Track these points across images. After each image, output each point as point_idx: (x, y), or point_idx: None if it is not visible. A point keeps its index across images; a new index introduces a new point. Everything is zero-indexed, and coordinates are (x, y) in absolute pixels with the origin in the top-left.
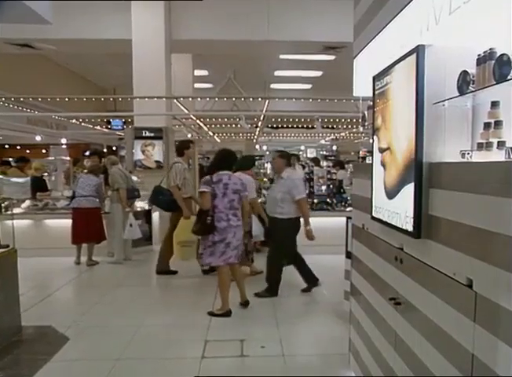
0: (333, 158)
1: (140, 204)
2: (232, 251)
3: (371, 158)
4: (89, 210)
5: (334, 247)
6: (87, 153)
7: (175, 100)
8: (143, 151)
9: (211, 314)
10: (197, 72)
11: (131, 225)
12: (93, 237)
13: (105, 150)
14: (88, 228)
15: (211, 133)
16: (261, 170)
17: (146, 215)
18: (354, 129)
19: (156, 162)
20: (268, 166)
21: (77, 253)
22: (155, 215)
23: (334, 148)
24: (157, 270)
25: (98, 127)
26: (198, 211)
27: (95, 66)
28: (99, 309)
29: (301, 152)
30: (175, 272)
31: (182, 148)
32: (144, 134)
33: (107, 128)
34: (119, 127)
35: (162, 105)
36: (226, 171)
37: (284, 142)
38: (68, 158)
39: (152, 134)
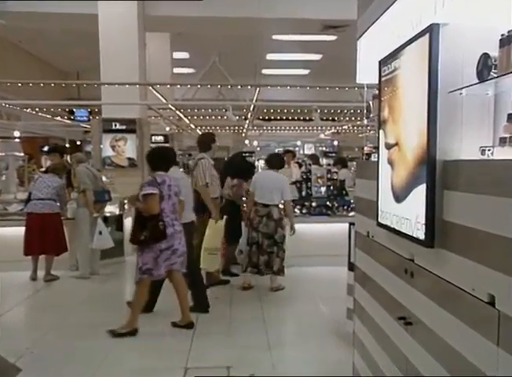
0: (334, 155)
1: (110, 209)
2: (177, 258)
3: (376, 155)
4: (46, 216)
5: (335, 258)
6: (45, 149)
7: (150, 88)
8: (113, 147)
9: (114, 333)
10: (176, 55)
11: (101, 233)
12: (51, 248)
13: (67, 145)
14: (45, 236)
15: (193, 126)
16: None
17: (117, 221)
18: (358, 122)
19: (129, 159)
20: (260, 164)
21: (33, 266)
22: (128, 221)
23: (336, 143)
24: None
25: (59, 118)
26: (137, 217)
27: (54, 46)
28: (58, 333)
29: (297, 148)
30: (227, 282)
31: (208, 141)
32: (114, 127)
33: (69, 119)
34: (84, 118)
35: (136, 93)
36: (163, 172)
37: (278, 136)
38: (22, 154)
39: (124, 127)
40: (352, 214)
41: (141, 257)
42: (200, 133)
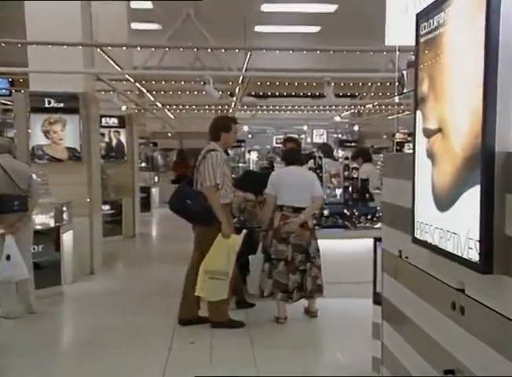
0: (353, 145)
1: (42, 220)
2: None
3: (412, 145)
4: None
5: (355, 287)
6: None
7: (99, 50)
8: (46, 133)
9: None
10: (135, 4)
11: (8, 258)
12: None
13: None
14: None
15: (159, 105)
16: (240, 164)
17: (53, 238)
18: (387, 100)
19: (69, 150)
20: (252, 156)
21: None
22: (68, 237)
23: (356, 128)
24: (181, 318)
25: None
26: None
27: None
28: None
29: (302, 136)
30: (241, 324)
31: (220, 128)
32: (47, 104)
33: None
34: (3, 92)
35: (78, 58)
36: None
37: (277, 119)
38: None
39: (61, 105)
40: (378, 225)
41: None
42: (171, 114)
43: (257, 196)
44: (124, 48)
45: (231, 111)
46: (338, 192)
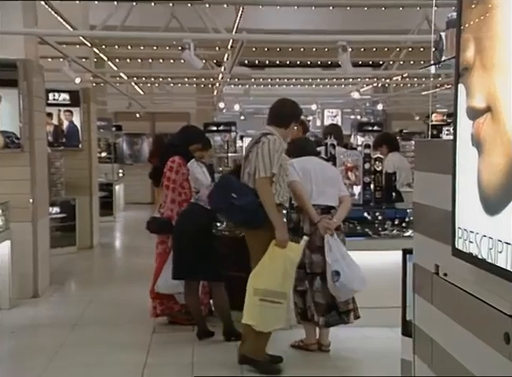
0: (376, 129)
1: None
2: None
3: (452, 129)
4: None
5: (379, 313)
6: None
7: (43, 3)
8: None
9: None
10: None
11: None
12: None
13: None
14: None
15: (124, 77)
16: (230, 154)
17: None
18: (419, 70)
19: (5, 135)
20: (244, 144)
21: None
22: (3, 249)
23: (380, 107)
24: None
25: None
26: None
27: None
28: None
29: (310, 117)
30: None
31: (292, 115)
32: None
33: None
34: None
35: (17, 14)
36: None
37: (277, 95)
38: None
39: None
40: (408, 233)
41: None
42: (140, 89)
43: None
44: (77, 1)
45: (218, 85)
46: (357, 190)
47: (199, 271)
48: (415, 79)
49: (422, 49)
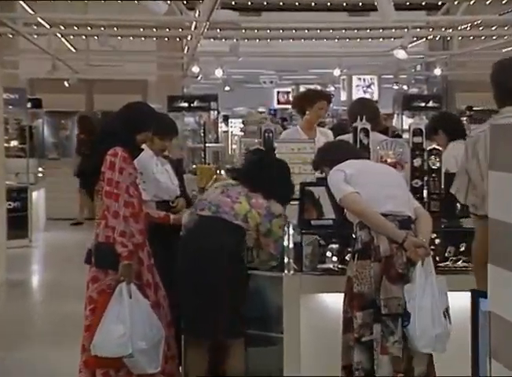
0: (431, 105)
1: None
2: None
3: None
4: None
5: None
6: None
7: None
8: None
9: None
10: None
11: None
12: None
13: None
14: None
15: (46, 25)
16: (208, 144)
17: None
18: (498, 16)
19: None
20: (234, 130)
21: None
22: None
23: (437, 72)
24: None
25: None
26: None
27: None
28: None
29: (333, 89)
30: None
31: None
32: None
33: None
34: None
35: None
36: None
37: (280, 55)
38: None
39: None
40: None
41: None
42: (70, 44)
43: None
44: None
45: (190, 38)
46: None
47: (223, 323)
48: (493, 29)
49: None
